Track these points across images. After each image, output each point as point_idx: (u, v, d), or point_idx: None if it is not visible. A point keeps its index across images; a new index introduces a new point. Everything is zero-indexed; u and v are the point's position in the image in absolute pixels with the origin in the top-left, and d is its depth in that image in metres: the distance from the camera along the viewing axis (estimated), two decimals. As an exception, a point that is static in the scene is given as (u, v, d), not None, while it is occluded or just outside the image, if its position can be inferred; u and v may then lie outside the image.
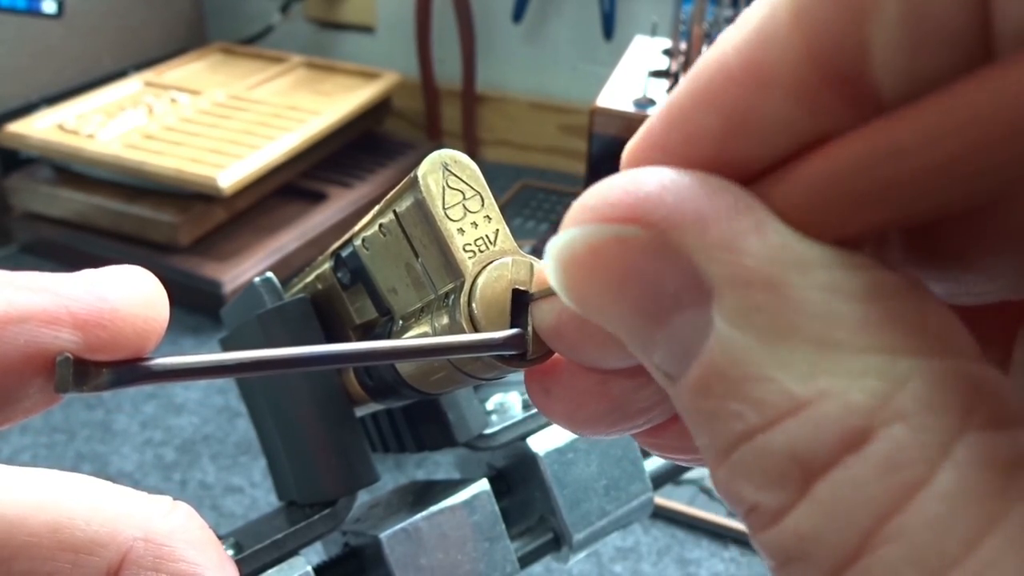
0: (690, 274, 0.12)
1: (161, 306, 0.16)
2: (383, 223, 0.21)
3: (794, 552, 0.11)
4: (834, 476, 0.11)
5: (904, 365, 0.11)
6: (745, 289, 0.11)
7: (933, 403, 0.11)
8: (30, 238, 1.37)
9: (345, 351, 0.16)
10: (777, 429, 0.11)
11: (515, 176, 1.59)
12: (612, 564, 0.90)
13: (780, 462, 0.11)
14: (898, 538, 0.10)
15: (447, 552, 0.29)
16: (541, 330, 0.17)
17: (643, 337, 0.13)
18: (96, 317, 0.15)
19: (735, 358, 0.12)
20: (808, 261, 0.11)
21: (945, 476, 0.10)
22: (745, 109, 0.12)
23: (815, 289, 0.11)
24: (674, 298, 0.12)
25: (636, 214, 0.12)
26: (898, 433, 0.11)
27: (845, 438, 0.11)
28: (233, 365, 0.16)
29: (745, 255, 0.12)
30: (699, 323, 0.12)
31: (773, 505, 0.12)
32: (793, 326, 0.11)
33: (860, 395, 0.11)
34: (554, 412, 0.17)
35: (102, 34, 1.50)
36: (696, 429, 0.13)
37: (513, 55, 1.65)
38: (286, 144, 1.32)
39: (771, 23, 0.12)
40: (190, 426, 1.07)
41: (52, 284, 0.15)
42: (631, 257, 0.12)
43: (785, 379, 0.11)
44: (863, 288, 0.11)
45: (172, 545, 0.15)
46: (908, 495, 0.11)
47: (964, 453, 0.11)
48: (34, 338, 0.14)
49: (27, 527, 0.14)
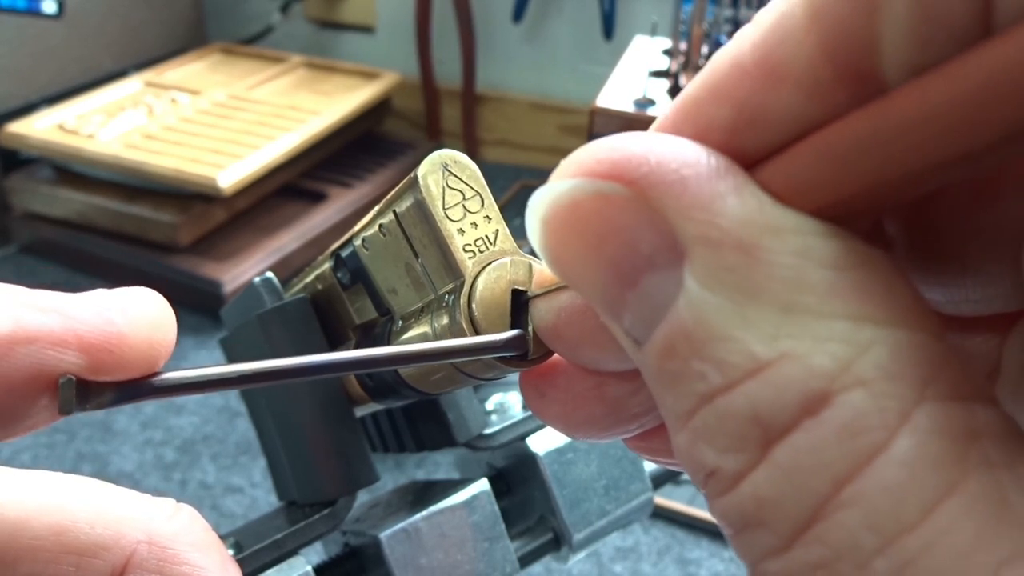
0: (665, 234, 0.12)
1: (168, 330, 0.16)
2: (383, 223, 0.21)
3: (752, 517, 0.11)
4: (793, 440, 0.11)
5: (867, 333, 0.11)
6: (717, 249, 0.12)
7: (893, 371, 0.11)
8: (30, 238, 1.37)
9: (348, 359, 0.16)
10: (738, 390, 0.11)
11: (515, 176, 1.59)
12: (612, 564, 0.90)
13: (740, 424, 0.11)
14: (855, 503, 0.11)
15: (447, 552, 0.29)
16: (540, 329, 0.17)
17: (614, 298, 0.13)
18: (102, 340, 0.15)
19: (702, 318, 0.12)
20: (782, 226, 0.12)
21: (903, 443, 0.10)
22: (757, 102, 0.12)
23: (787, 253, 0.11)
24: (648, 258, 0.12)
25: (618, 171, 0.12)
26: (857, 398, 0.11)
27: (805, 401, 0.11)
28: (236, 377, 0.16)
29: (720, 216, 0.12)
30: (669, 284, 0.12)
31: (732, 468, 0.12)
32: (761, 288, 0.11)
33: (822, 359, 0.11)
34: (549, 415, 0.18)
35: (102, 34, 1.50)
36: (660, 393, 0.13)
37: (513, 55, 1.65)
38: (286, 144, 1.32)
39: (787, 20, 0.12)
40: (190, 426, 1.07)
41: (61, 305, 0.15)
42: (610, 213, 0.13)
43: (749, 340, 0.11)
44: (833, 256, 0.12)
45: (176, 548, 0.15)
46: (866, 461, 0.11)
47: (922, 421, 0.11)
48: (40, 359, 0.15)
49: (31, 530, 0.14)
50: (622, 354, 0.14)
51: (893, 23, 0.11)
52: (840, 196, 0.12)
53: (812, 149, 0.12)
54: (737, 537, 0.12)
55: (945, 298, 0.15)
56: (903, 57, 0.11)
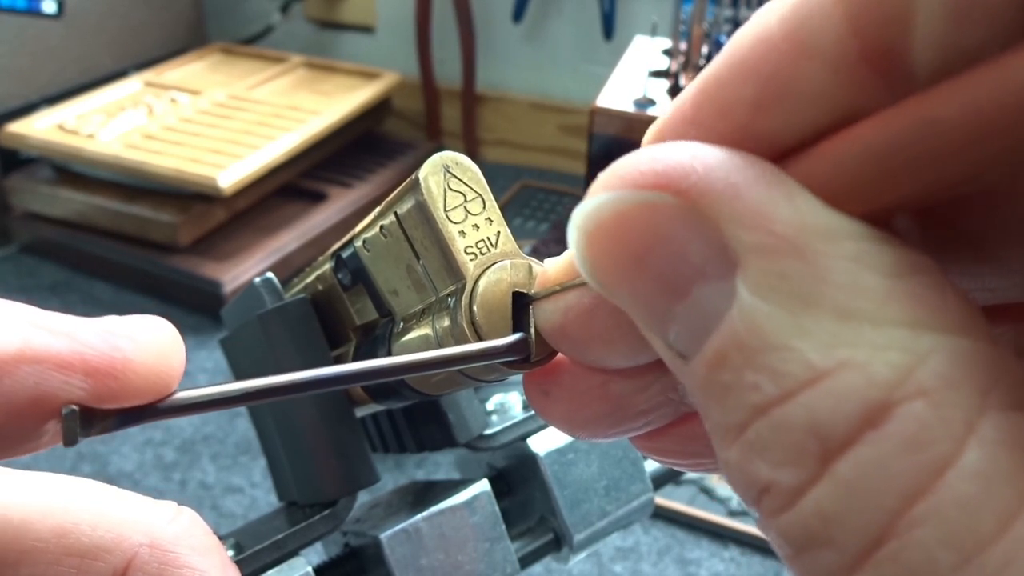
0: (717, 243, 0.12)
1: (176, 359, 0.16)
2: (384, 224, 0.21)
3: (816, 535, 0.11)
4: (856, 453, 0.11)
5: (926, 340, 0.11)
6: (772, 256, 0.11)
7: (954, 380, 0.11)
8: (30, 238, 1.37)
9: (349, 372, 0.16)
10: (795, 401, 0.11)
11: (515, 176, 1.59)
12: (612, 564, 0.90)
13: (798, 436, 0.11)
14: (929, 519, 0.10)
15: (447, 552, 0.29)
16: (546, 330, 0.17)
17: (661, 311, 0.13)
18: (108, 367, 0.15)
19: (756, 327, 0.11)
20: (837, 232, 0.11)
21: (973, 454, 0.10)
22: (784, 78, 0.12)
23: (842, 259, 0.11)
24: (698, 268, 0.12)
25: (667, 181, 0.12)
26: (920, 409, 0.10)
27: (866, 412, 0.11)
28: (238, 395, 0.16)
29: (775, 222, 0.11)
30: (721, 295, 0.12)
31: (790, 484, 0.11)
32: (818, 295, 0.11)
33: (882, 367, 0.11)
34: (553, 414, 0.17)
35: (102, 34, 1.50)
36: (708, 407, 0.12)
37: (513, 55, 1.65)
38: (286, 144, 1.32)
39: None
40: (190, 426, 1.07)
41: (70, 328, 0.15)
42: (659, 223, 0.12)
43: (806, 348, 0.11)
44: (889, 262, 0.11)
45: (177, 551, 0.15)
46: (936, 474, 0.10)
47: (988, 432, 0.10)
48: (44, 380, 0.15)
49: (33, 532, 0.14)
50: (630, 351, 0.14)
51: (929, 2, 0.11)
52: (888, 201, 0.11)
53: (855, 150, 0.12)
54: (798, 558, 0.11)
55: (965, 286, 0.14)
56: (937, 37, 0.11)
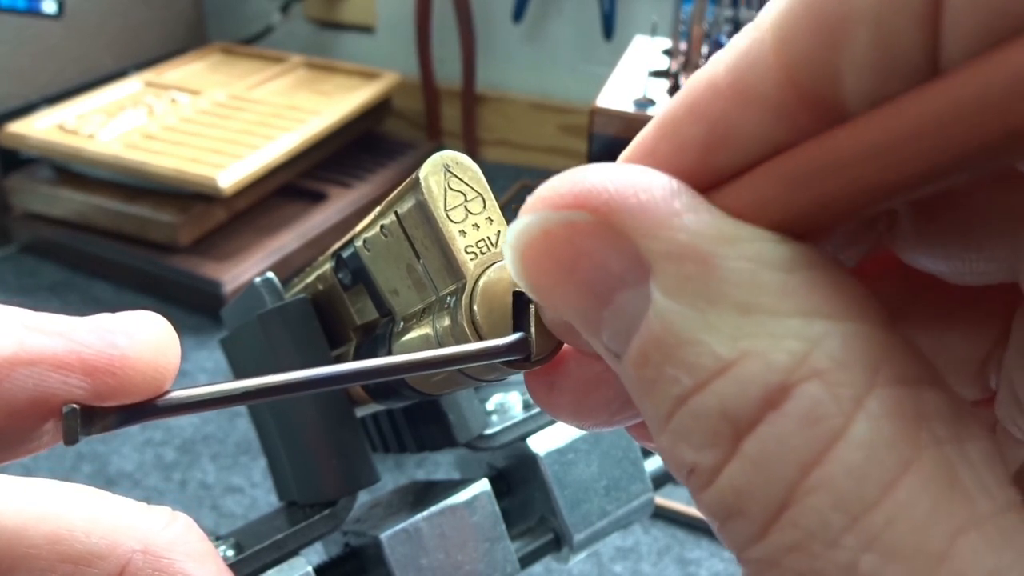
0: (631, 253, 0.13)
1: (172, 353, 0.16)
2: (384, 224, 0.21)
3: (731, 508, 0.12)
4: (760, 432, 0.12)
5: (818, 327, 0.12)
6: (679, 261, 0.13)
7: (844, 361, 0.12)
8: (30, 238, 1.37)
9: (350, 371, 0.16)
10: (708, 390, 0.12)
11: (515, 176, 1.59)
12: (612, 564, 0.90)
13: (712, 421, 0.12)
14: (821, 487, 0.11)
15: (448, 552, 0.29)
16: (551, 323, 0.17)
17: (591, 318, 0.14)
18: (106, 364, 0.15)
19: (670, 325, 0.13)
20: (735, 236, 0.13)
21: (860, 427, 0.11)
22: (728, 122, 0.13)
23: (741, 259, 0.12)
24: (618, 277, 0.13)
25: (582, 201, 0.13)
26: (814, 389, 0.12)
27: (767, 395, 0.12)
28: (239, 394, 0.16)
29: (678, 231, 0.13)
30: (640, 298, 0.13)
31: (709, 464, 0.12)
32: (721, 293, 0.12)
33: (780, 354, 0.12)
34: (558, 405, 0.18)
35: (102, 34, 1.50)
36: (641, 402, 0.14)
37: (513, 55, 1.65)
38: (286, 144, 1.32)
39: (757, 46, 0.13)
40: (190, 426, 1.07)
41: (65, 328, 0.15)
42: (579, 239, 0.14)
43: (713, 342, 0.12)
44: (783, 259, 0.12)
45: (171, 557, 0.15)
46: (827, 446, 0.11)
47: (875, 405, 0.11)
48: (43, 381, 0.15)
49: (27, 538, 0.14)
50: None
51: (854, 58, 0.12)
52: (788, 214, 0.13)
53: (766, 173, 0.13)
54: (722, 529, 0.13)
55: (951, 269, 0.15)
56: (863, 87, 0.12)
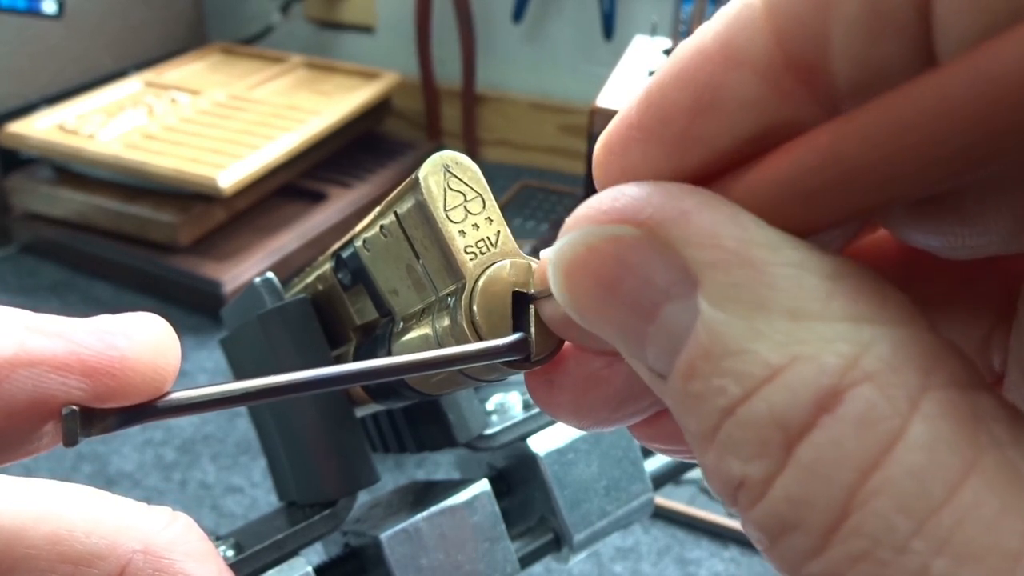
0: (677, 265, 0.13)
1: (172, 355, 0.16)
2: (384, 224, 0.21)
3: (786, 521, 0.12)
4: (814, 437, 0.12)
5: (868, 331, 0.12)
6: (725, 270, 0.12)
7: (896, 364, 0.12)
8: (30, 238, 1.37)
9: (350, 372, 0.16)
10: (757, 397, 0.12)
11: (515, 176, 1.59)
12: (612, 564, 0.90)
13: (762, 430, 0.12)
14: (884, 490, 0.11)
15: (447, 552, 0.29)
16: (553, 321, 0.17)
17: (636, 334, 0.14)
18: (106, 365, 0.15)
19: (717, 335, 0.12)
20: (777, 243, 0.13)
21: (918, 428, 0.11)
22: (716, 85, 0.13)
23: (786, 266, 0.12)
24: (663, 291, 0.13)
25: (626, 215, 0.13)
26: (867, 391, 0.11)
27: (820, 399, 0.12)
28: (239, 395, 0.16)
29: (724, 239, 0.13)
30: (686, 312, 0.13)
31: (760, 475, 0.12)
32: (768, 299, 0.12)
33: (831, 358, 0.12)
34: (558, 404, 0.18)
35: (102, 34, 1.50)
36: (685, 417, 0.13)
37: (513, 55, 1.65)
38: (286, 144, 1.32)
39: (746, 11, 0.13)
40: (190, 426, 1.07)
41: (65, 329, 0.15)
42: (624, 252, 0.13)
43: (762, 349, 0.12)
44: (827, 266, 0.12)
45: (171, 557, 0.15)
46: (886, 449, 0.11)
47: (931, 407, 0.11)
48: (42, 383, 0.15)
49: (27, 539, 0.14)
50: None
51: (843, 21, 0.12)
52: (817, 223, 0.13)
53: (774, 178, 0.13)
54: (773, 548, 0.12)
55: (944, 244, 0.15)
56: (852, 53, 0.12)
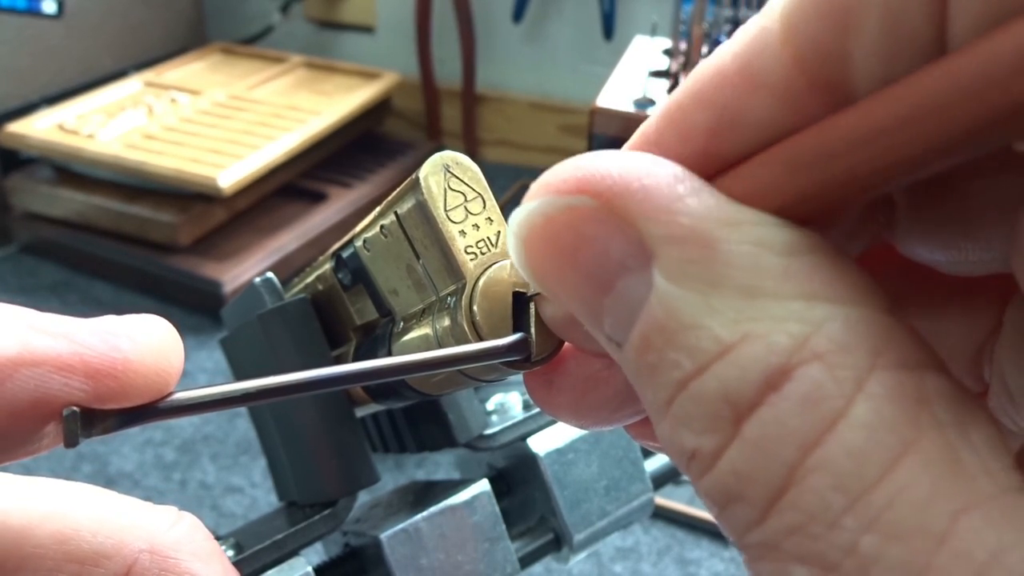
0: (633, 239, 0.13)
1: (175, 358, 0.16)
2: (384, 224, 0.21)
3: (731, 492, 0.12)
4: (760, 414, 0.12)
5: (820, 311, 0.12)
6: (681, 245, 0.13)
7: (846, 344, 0.12)
8: (30, 238, 1.37)
9: (351, 372, 0.16)
10: (708, 373, 0.12)
11: (515, 176, 1.59)
12: (612, 564, 0.90)
13: (712, 405, 0.12)
14: (822, 467, 0.11)
15: (447, 552, 0.29)
16: (553, 321, 0.17)
17: (593, 304, 0.14)
18: (108, 367, 0.15)
19: (672, 310, 0.13)
20: (738, 220, 0.13)
21: (860, 408, 0.11)
22: (736, 108, 0.13)
23: (743, 243, 0.12)
24: (619, 263, 0.13)
25: (585, 186, 0.13)
26: (815, 371, 0.12)
27: (768, 377, 0.12)
28: (239, 395, 0.16)
29: (681, 215, 0.13)
30: (641, 284, 0.13)
31: (709, 448, 0.12)
32: (723, 276, 0.12)
33: (781, 336, 0.12)
34: (558, 404, 0.18)
35: (102, 34, 1.50)
36: (642, 388, 0.13)
37: (513, 55, 1.65)
38: (286, 144, 1.32)
39: (764, 34, 0.13)
40: (190, 426, 1.07)
41: (68, 330, 0.15)
42: (581, 223, 0.13)
43: (714, 325, 0.12)
44: (786, 243, 0.12)
45: (177, 557, 0.15)
46: (828, 427, 0.11)
47: (876, 388, 0.11)
48: (44, 383, 0.15)
49: (33, 538, 0.14)
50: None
51: (864, 41, 0.12)
52: (790, 199, 0.13)
53: (768, 158, 0.13)
54: (722, 515, 0.13)
55: (947, 259, 0.15)
56: (873, 71, 0.12)
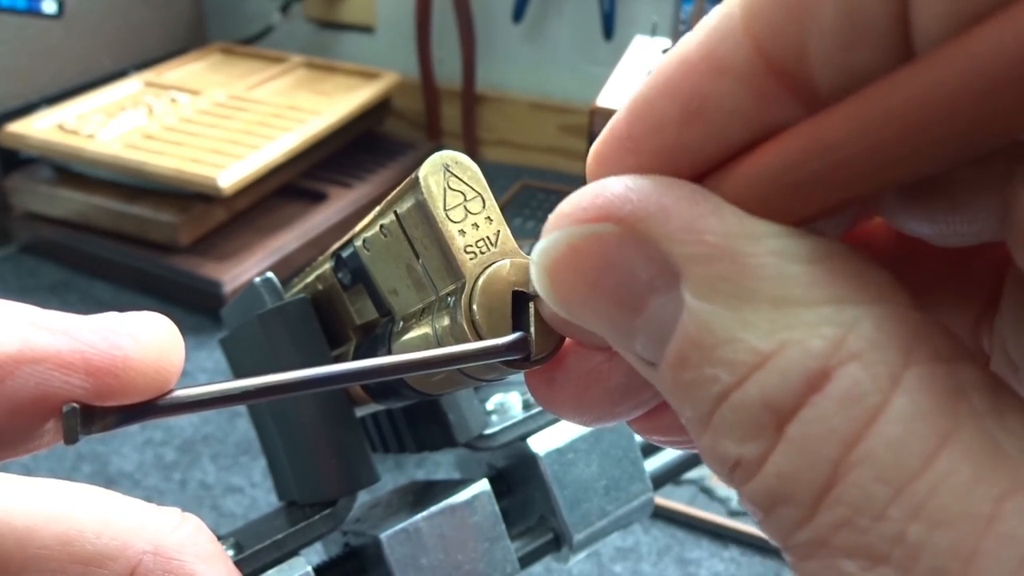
0: (659, 260, 0.13)
1: (176, 356, 0.16)
2: (384, 224, 0.21)
3: (776, 495, 0.12)
4: (802, 416, 0.12)
5: (851, 313, 0.12)
6: (708, 263, 0.13)
7: (880, 342, 0.12)
8: (30, 238, 1.37)
9: (351, 370, 0.16)
10: (748, 383, 0.12)
11: (515, 176, 1.59)
12: (612, 564, 0.90)
13: (755, 413, 0.12)
14: (864, 461, 0.12)
15: (447, 552, 0.29)
16: (553, 320, 0.17)
17: (623, 327, 0.14)
18: (109, 364, 0.15)
19: (705, 327, 0.13)
20: (758, 233, 0.13)
21: (899, 402, 0.12)
22: (702, 95, 0.13)
23: (768, 255, 0.13)
24: (647, 285, 0.13)
25: (607, 213, 0.14)
26: (853, 370, 0.12)
27: (808, 380, 0.12)
28: (239, 393, 0.16)
29: (705, 233, 0.13)
30: (671, 303, 0.13)
31: (754, 455, 0.13)
32: (752, 290, 0.13)
33: (817, 341, 0.12)
34: (559, 401, 0.18)
35: (102, 34, 1.50)
36: (680, 405, 0.14)
37: (513, 55, 1.65)
38: (286, 144, 1.32)
39: (726, 21, 0.13)
40: (190, 426, 1.07)
41: (69, 327, 0.15)
42: (607, 250, 0.14)
43: (750, 337, 0.12)
44: (808, 251, 0.13)
45: (181, 559, 0.15)
46: (868, 422, 0.12)
47: (912, 382, 0.12)
48: (45, 380, 0.15)
49: (38, 539, 0.14)
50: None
51: (820, 29, 0.12)
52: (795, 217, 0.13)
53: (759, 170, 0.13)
54: (767, 520, 0.13)
55: (935, 232, 0.16)
56: (831, 59, 0.12)
